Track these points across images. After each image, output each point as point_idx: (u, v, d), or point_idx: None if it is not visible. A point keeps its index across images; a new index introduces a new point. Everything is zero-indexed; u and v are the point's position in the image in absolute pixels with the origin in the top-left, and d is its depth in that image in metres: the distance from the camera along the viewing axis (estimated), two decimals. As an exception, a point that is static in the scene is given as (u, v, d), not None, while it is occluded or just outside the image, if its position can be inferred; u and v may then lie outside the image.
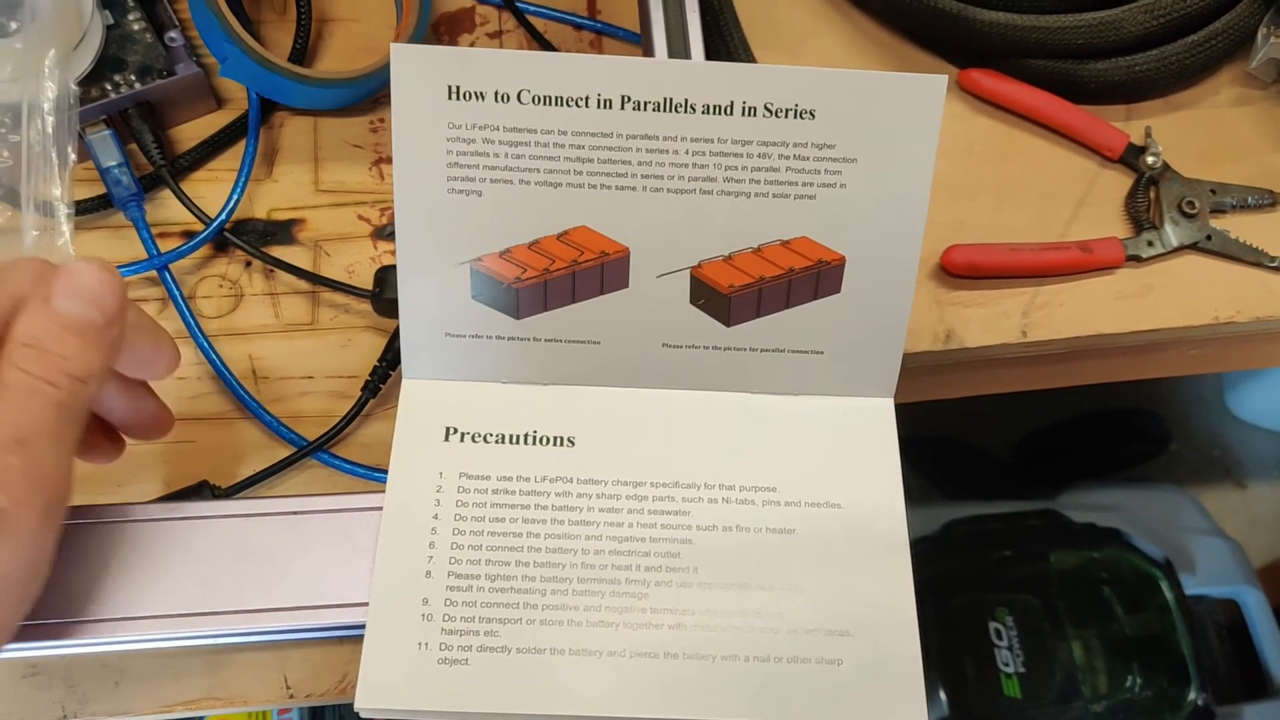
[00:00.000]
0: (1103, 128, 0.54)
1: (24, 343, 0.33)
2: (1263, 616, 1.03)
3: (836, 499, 0.40)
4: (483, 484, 0.39)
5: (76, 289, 0.34)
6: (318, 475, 0.45)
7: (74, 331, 0.34)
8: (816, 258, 0.39)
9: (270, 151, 0.51)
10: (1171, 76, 0.55)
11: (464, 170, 0.37)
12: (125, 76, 0.48)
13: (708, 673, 0.36)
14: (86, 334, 0.34)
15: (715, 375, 0.41)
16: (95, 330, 0.34)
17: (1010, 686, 0.88)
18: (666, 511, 0.39)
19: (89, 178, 0.49)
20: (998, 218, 0.53)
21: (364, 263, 0.49)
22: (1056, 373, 0.56)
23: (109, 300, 0.35)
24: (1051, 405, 1.22)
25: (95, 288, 0.34)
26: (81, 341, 0.34)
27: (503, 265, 0.39)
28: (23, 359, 0.33)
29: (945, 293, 0.51)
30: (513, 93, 0.36)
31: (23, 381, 0.33)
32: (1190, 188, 0.53)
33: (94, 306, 0.34)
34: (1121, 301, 0.52)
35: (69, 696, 0.42)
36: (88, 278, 0.34)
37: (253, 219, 0.50)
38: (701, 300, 0.40)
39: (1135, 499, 1.08)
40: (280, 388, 0.47)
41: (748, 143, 0.37)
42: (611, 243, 0.39)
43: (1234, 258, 0.52)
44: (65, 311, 0.34)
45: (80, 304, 0.34)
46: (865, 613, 0.37)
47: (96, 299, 0.34)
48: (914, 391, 0.56)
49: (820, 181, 0.38)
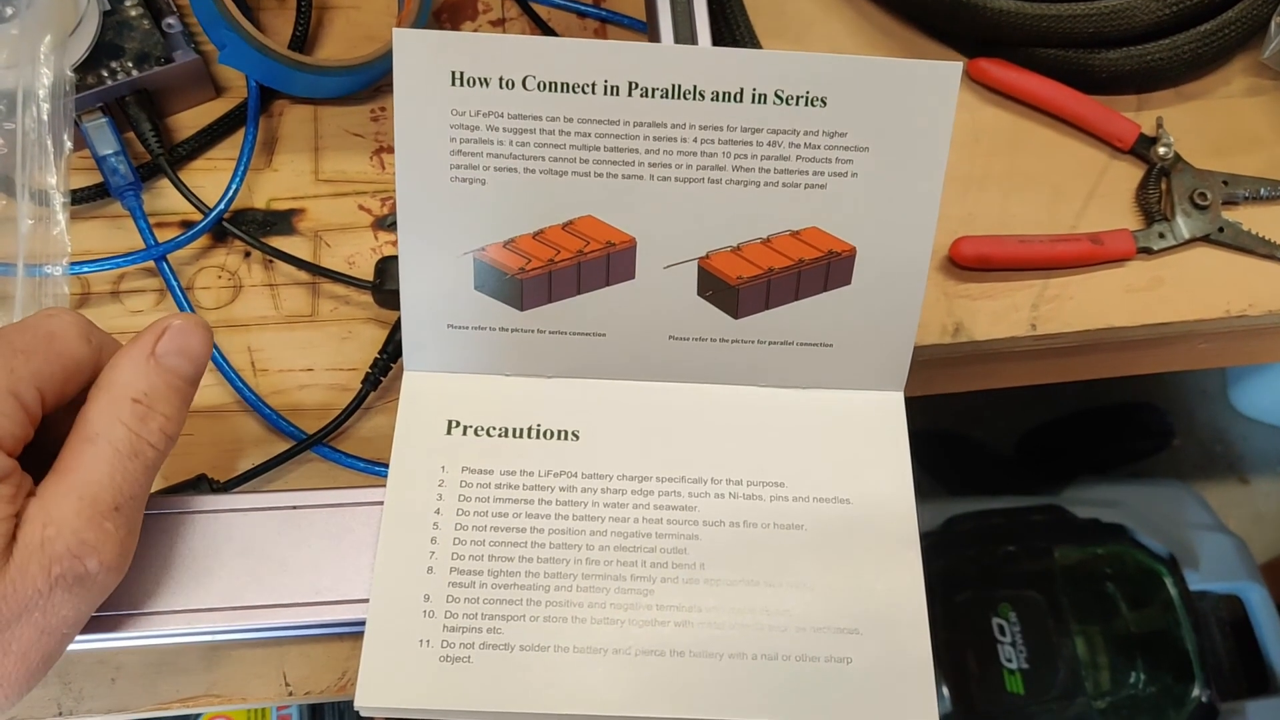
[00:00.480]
0: (1114, 118, 0.54)
1: (134, 398, 0.32)
2: (1266, 612, 1.03)
3: (846, 494, 0.39)
4: (485, 478, 0.38)
5: (184, 349, 0.33)
6: (317, 469, 0.45)
7: (176, 391, 0.33)
8: (827, 248, 0.38)
9: (270, 140, 0.51)
10: (1183, 66, 0.54)
11: (467, 158, 0.37)
12: (122, 63, 0.47)
13: (714, 671, 0.36)
14: (185, 395, 0.33)
15: (723, 368, 0.41)
16: (191, 390, 0.34)
17: (1013, 683, 0.88)
18: (672, 507, 0.38)
19: (86, 166, 0.48)
20: (1007, 209, 0.52)
21: (365, 253, 0.49)
22: (1065, 366, 0.55)
23: (204, 360, 0.34)
24: (1055, 400, 1.21)
25: (201, 349, 0.34)
26: (181, 402, 0.33)
27: (506, 256, 0.38)
28: (130, 416, 0.32)
29: (954, 285, 0.51)
30: (517, 79, 0.36)
31: (128, 441, 0.31)
32: (1202, 179, 0.53)
33: (197, 367, 0.34)
34: (1132, 294, 0.51)
35: (64, 693, 0.42)
36: (196, 338, 0.33)
37: (252, 209, 0.49)
38: (709, 292, 0.39)
39: (1139, 494, 1.08)
40: (279, 380, 0.46)
41: (757, 130, 0.36)
42: (618, 233, 0.38)
43: (1246, 250, 0.52)
44: (175, 370, 0.33)
45: (187, 364, 0.33)
46: (875, 610, 0.37)
47: (200, 359, 0.34)
48: (922, 385, 0.55)
49: (831, 170, 0.37)
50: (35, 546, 0.30)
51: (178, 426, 0.33)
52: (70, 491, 0.30)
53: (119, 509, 0.31)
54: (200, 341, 0.34)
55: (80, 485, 0.31)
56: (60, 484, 0.31)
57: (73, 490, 0.30)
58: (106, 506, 0.31)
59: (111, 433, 0.31)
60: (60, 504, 0.30)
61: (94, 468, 0.31)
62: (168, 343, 0.33)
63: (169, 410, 0.33)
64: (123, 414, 0.32)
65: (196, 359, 0.34)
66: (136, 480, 0.32)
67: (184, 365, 0.33)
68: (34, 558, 0.30)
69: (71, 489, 0.30)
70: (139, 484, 0.32)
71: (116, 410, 0.32)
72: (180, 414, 0.33)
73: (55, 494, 0.30)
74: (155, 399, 0.32)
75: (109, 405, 0.32)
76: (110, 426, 0.31)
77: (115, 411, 0.32)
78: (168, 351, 0.33)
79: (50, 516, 0.30)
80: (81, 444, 0.31)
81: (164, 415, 0.32)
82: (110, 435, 0.31)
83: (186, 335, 0.33)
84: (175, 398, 0.33)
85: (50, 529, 0.30)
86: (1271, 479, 1.25)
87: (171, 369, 0.33)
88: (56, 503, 0.30)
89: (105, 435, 0.31)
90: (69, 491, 0.30)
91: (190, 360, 0.33)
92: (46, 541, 0.30)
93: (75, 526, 0.30)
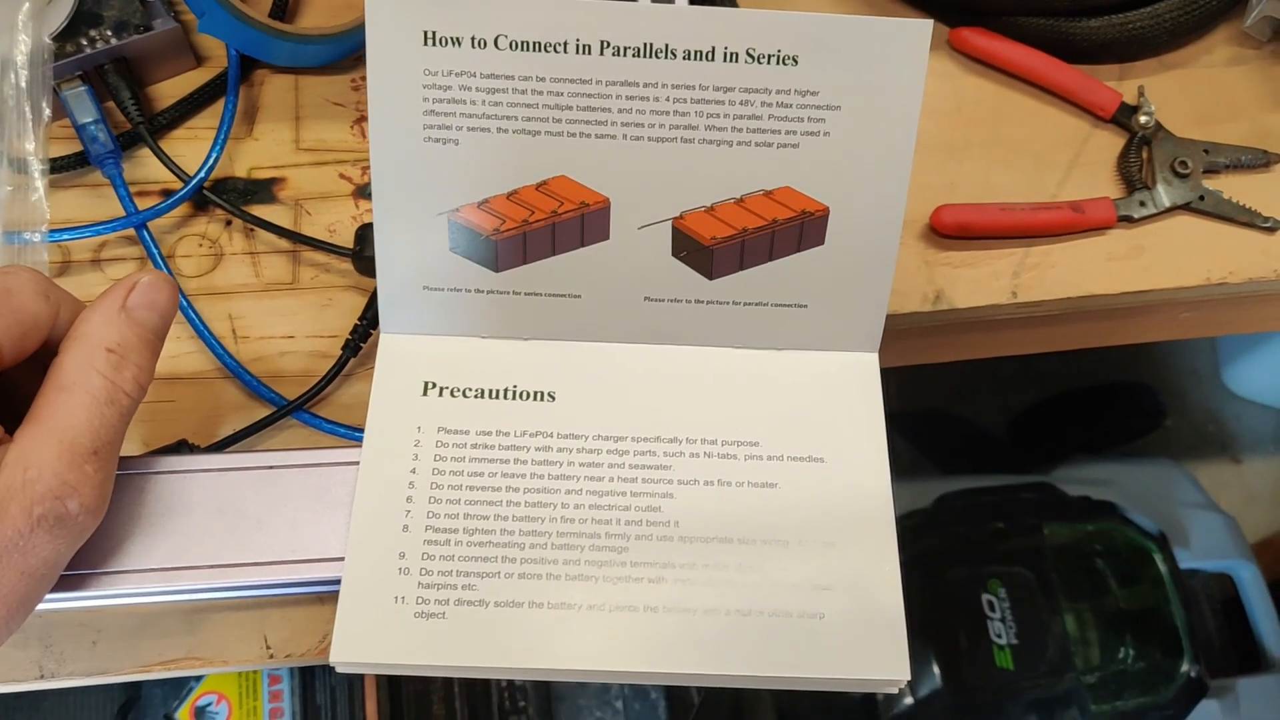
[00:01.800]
0: (1095, 87, 0.54)
1: (108, 348, 0.33)
2: (1257, 591, 1.03)
3: (820, 454, 0.39)
4: (461, 438, 0.39)
5: (154, 303, 0.34)
6: (298, 434, 0.45)
7: (146, 344, 0.34)
8: (800, 208, 0.39)
9: (250, 109, 0.51)
10: (1165, 34, 0.54)
11: (440, 118, 0.37)
12: (101, 32, 0.47)
13: (688, 626, 0.36)
14: (155, 347, 0.35)
15: (698, 329, 0.41)
16: (159, 343, 0.35)
17: (1003, 658, 0.88)
18: (648, 466, 0.39)
19: (66, 136, 0.48)
20: (989, 178, 0.52)
21: (345, 222, 0.49)
22: (1047, 336, 0.55)
23: (171, 315, 0.35)
24: (1046, 380, 1.21)
25: (169, 304, 0.35)
26: (151, 354, 0.34)
27: (481, 216, 0.39)
28: (105, 364, 0.33)
29: (935, 253, 0.51)
30: (489, 38, 0.36)
31: (104, 389, 0.32)
32: (1183, 148, 0.53)
33: (164, 321, 0.35)
34: (1113, 262, 0.51)
35: (46, 656, 0.42)
36: (164, 293, 0.35)
37: (233, 177, 0.49)
38: (683, 252, 0.39)
39: (1130, 473, 1.08)
40: (260, 347, 0.46)
41: (729, 89, 0.37)
42: (591, 193, 0.38)
43: (1227, 218, 0.52)
44: (145, 324, 0.34)
45: (156, 317, 0.34)
46: (847, 566, 0.37)
47: (168, 314, 0.35)
48: (903, 354, 0.55)
49: (804, 130, 0.37)
50: (17, 488, 0.30)
51: (149, 377, 0.34)
52: (49, 436, 0.31)
53: (97, 453, 0.32)
54: (168, 297, 0.35)
55: (59, 430, 0.31)
56: (37, 430, 0.31)
57: (51, 435, 0.31)
58: (85, 450, 0.31)
59: (88, 381, 0.32)
60: (39, 448, 0.31)
61: (72, 414, 0.31)
62: (138, 296, 0.34)
63: (141, 361, 0.33)
64: (97, 363, 0.32)
65: (164, 313, 0.35)
66: (113, 426, 0.32)
67: (153, 318, 0.34)
68: (15, 498, 0.30)
69: (50, 434, 0.31)
70: (115, 430, 0.32)
71: (91, 359, 0.32)
72: (150, 365, 0.34)
73: (33, 439, 0.31)
74: (128, 349, 0.33)
75: (84, 355, 0.32)
76: (86, 375, 0.32)
77: (90, 361, 0.32)
78: (138, 305, 0.34)
79: (30, 460, 0.31)
80: (57, 393, 0.32)
81: (136, 365, 0.33)
82: (87, 383, 0.32)
83: (155, 290, 0.34)
84: (145, 349, 0.34)
85: (31, 471, 0.30)
86: (1263, 458, 1.25)
87: (141, 322, 0.34)
88: (35, 447, 0.31)
89: (82, 384, 0.32)
90: (47, 436, 0.31)
91: (159, 314, 0.35)
92: (28, 484, 0.30)
93: (56, 469, 0.31)
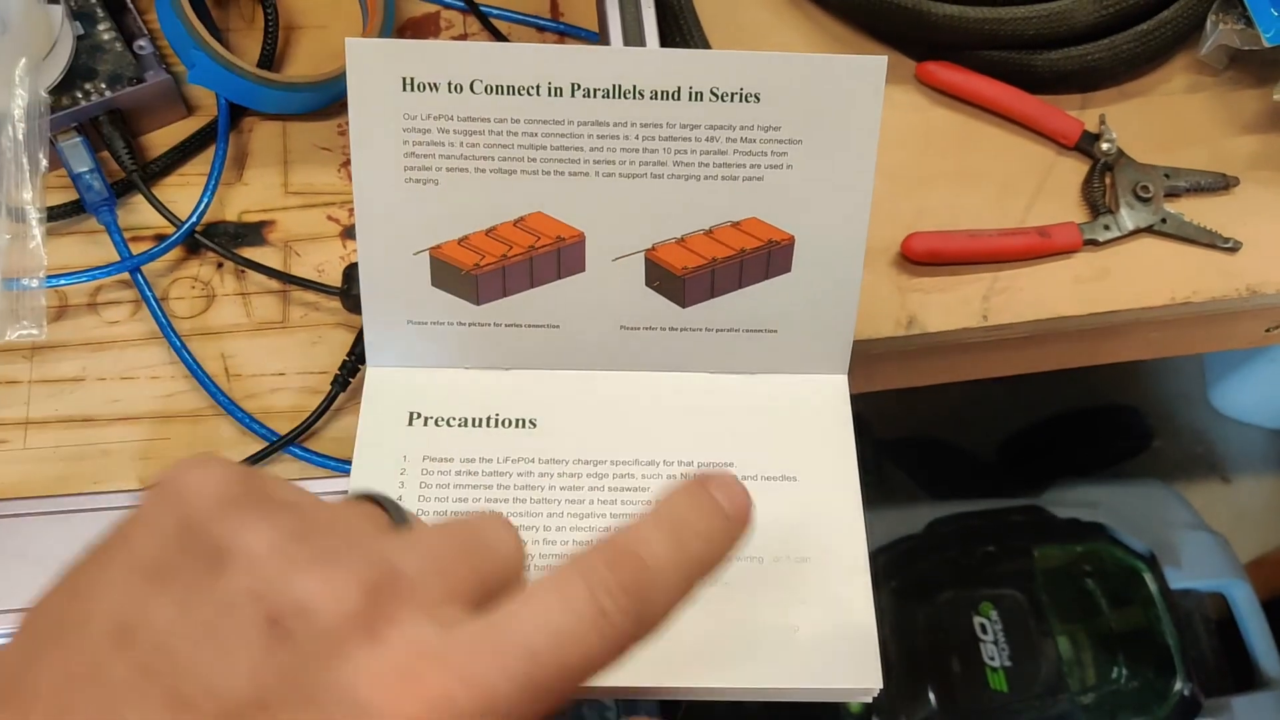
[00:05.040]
0: (1058, 116, 0.56)
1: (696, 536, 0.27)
2: (1250, 609, 1.04)
3: (792, 473, 0.40)
4: (446, 465, 0.40)
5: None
6: (290, 469, 0.46)
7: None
8: (767, 238, 0.40)
9: (240, 155, 0.52)
10: (1123, 65, 0.56)
11: (420, 160, 0.38)
12: (96, 85, 0.49)
13: (665, 641, 0.37)
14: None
15: (672, 356, 0.42)
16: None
17: (996, 680, 0.89)
18: (626, 489, 0.40)
19: (62, 184, 0.50)
20: (957, 206, 0.54)
21: (333, 261, 0.50)
22: (1018, 358, 0.57)
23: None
24: (1034, 405, 1.22)
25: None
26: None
27: (461, 252, 0.40)
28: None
29: (906, 279, 0.52)
30: (465, 83, 0.37)
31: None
32: (1144, 173, 0.55)
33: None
34: (1080, 285, 0.53)
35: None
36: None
37: (224, 221, 0.51)
38: (656, 282, 0.41)
39: (1120, 495, 1.09)
40: (252, 385, 0.48)
41: (695, 127, 0.38)
42: (567, 227, 0.40)
43: (1189, 240, 0.53)
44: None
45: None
46: (820, 581, 0.38)
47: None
48: (878, 379, 0.57)
49: (767, 163, 0.39)
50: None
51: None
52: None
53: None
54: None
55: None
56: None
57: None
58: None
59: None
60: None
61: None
62: (725, 490, 0.29)
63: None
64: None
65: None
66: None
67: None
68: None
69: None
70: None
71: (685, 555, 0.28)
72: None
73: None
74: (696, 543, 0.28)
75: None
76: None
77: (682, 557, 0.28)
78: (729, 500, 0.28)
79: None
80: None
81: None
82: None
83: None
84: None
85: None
86: (1253, 477, 1.26)
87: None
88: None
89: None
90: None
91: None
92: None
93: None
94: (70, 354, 0.48)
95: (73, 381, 0.47)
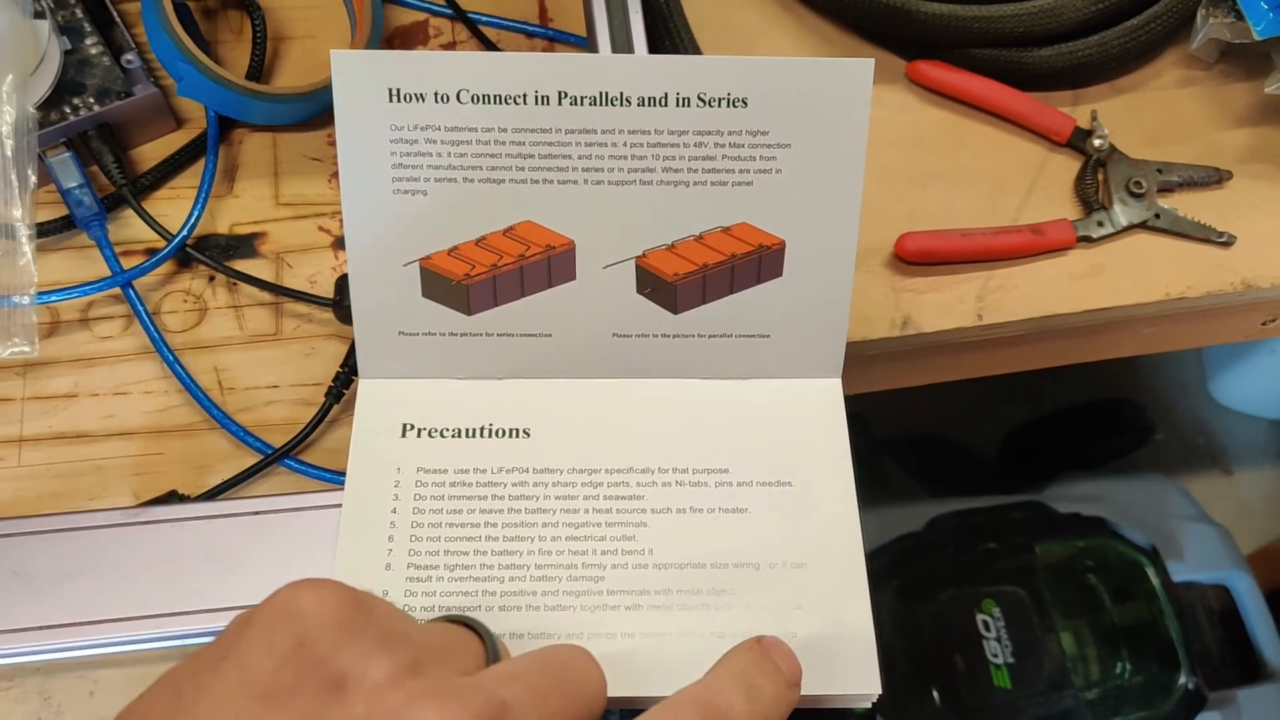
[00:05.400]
0: (1050, 113, 0.55)
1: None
2: (1254, 601, 1.03)
3: (787, 478, 0.40)
4: (440, 477, 0.40)
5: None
6: (284, 481, 0.46)
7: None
8: (757, 243, 0.40)
9: (230, 168, 0.52)
10: (1114, 61, 0.56)
11: (408, 171, 0.38)
12: (84, 99, 0.49)
13: (664, 650, 0.37)
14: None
15: (665, 363, 0.42)
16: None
17: (1000, 677, 0.89)
18: (621, 497, 0.40)
19: (51, 200, 0.49)
20: (951, 205, 0.54)
21: (325, 273, 0.50)
22: (1014, 356, 0.57)
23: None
24: (1034, 401, 1.22)
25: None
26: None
27: (451, 263, 0.40)
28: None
29: (900, 280, 0.52)
30: (452, 93, 0.37)
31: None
32: (1137, 168, 0.54)
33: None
34: (1074, 281, 0.53)
35: (44, 708, 0.43)
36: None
37: (215, 234, 0.51)
38: (648, 289, 0.41)
39: (1121, 489, 1.08)
40: (246, 398, 0.48)
41: (683, 133, 0.38)
42: (557, 236, 0.40)
43: (1183, 235, 0.53)
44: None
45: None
46: (817, 586, 0.38)
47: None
48: (873, 380, 0.57)
49: (756, 168, 0.39)
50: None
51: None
52: None
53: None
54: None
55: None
56: None
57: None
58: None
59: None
60: None
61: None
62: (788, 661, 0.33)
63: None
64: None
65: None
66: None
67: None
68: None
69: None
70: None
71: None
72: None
73: None
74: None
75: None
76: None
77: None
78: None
79: None
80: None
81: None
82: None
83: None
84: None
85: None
86: (1254, 469, 1.26)
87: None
88: None
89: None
90: None
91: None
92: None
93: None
94: (63, 370, 0.48)
95: (65, 398, 0.47)
